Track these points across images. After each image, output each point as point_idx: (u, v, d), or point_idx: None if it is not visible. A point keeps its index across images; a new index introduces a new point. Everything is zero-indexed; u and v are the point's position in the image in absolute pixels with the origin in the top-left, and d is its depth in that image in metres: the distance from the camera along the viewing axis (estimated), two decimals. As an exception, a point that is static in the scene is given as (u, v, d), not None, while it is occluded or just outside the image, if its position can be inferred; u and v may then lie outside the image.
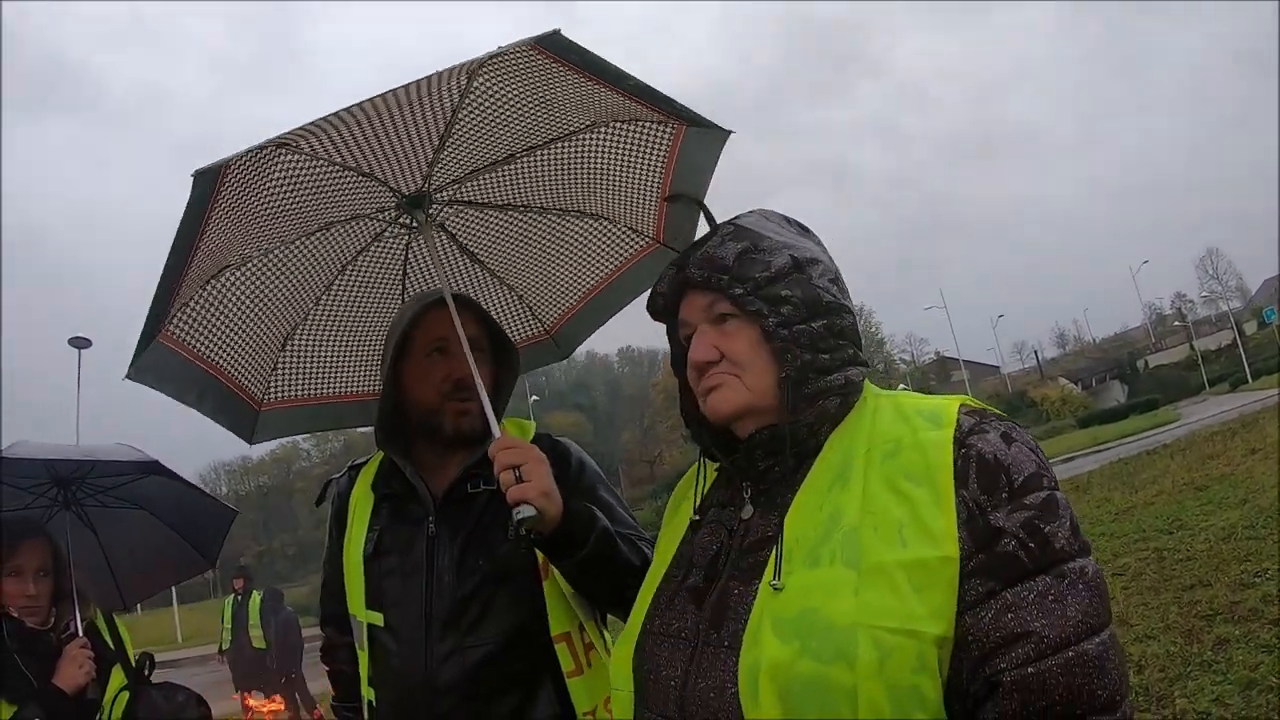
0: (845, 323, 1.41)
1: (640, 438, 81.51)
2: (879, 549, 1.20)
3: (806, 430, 1.38)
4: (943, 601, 1.16)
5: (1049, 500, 1.20)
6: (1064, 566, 1.16)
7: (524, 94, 2.05)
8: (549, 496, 1.76)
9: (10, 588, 2.88)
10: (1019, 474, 1.21)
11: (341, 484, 2.37)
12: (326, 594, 2.35)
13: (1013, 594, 1.15)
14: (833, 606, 1.19)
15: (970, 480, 1.21)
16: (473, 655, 2.00)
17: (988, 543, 1.17)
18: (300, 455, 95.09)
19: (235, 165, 1.76)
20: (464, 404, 2.14)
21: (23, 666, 2.78)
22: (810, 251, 1.44)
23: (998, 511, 1.18)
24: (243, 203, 1.93)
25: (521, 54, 1.87)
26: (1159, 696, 5.11)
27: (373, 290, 2.57)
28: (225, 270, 2.22)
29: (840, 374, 1.38)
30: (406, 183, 2.21)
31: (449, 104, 2.01)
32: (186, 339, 2.24)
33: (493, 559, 2.06)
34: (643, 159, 2.35)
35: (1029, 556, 1.16)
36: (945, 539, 1.18)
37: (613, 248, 2.61)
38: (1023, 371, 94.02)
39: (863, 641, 1.14)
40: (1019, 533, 1.17)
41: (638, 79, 1.98)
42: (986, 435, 1.26)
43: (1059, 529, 1.18)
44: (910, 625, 1.14)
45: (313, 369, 2.60)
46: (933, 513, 1.20)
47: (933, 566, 1.17)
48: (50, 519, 3.31)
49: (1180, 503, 10.77)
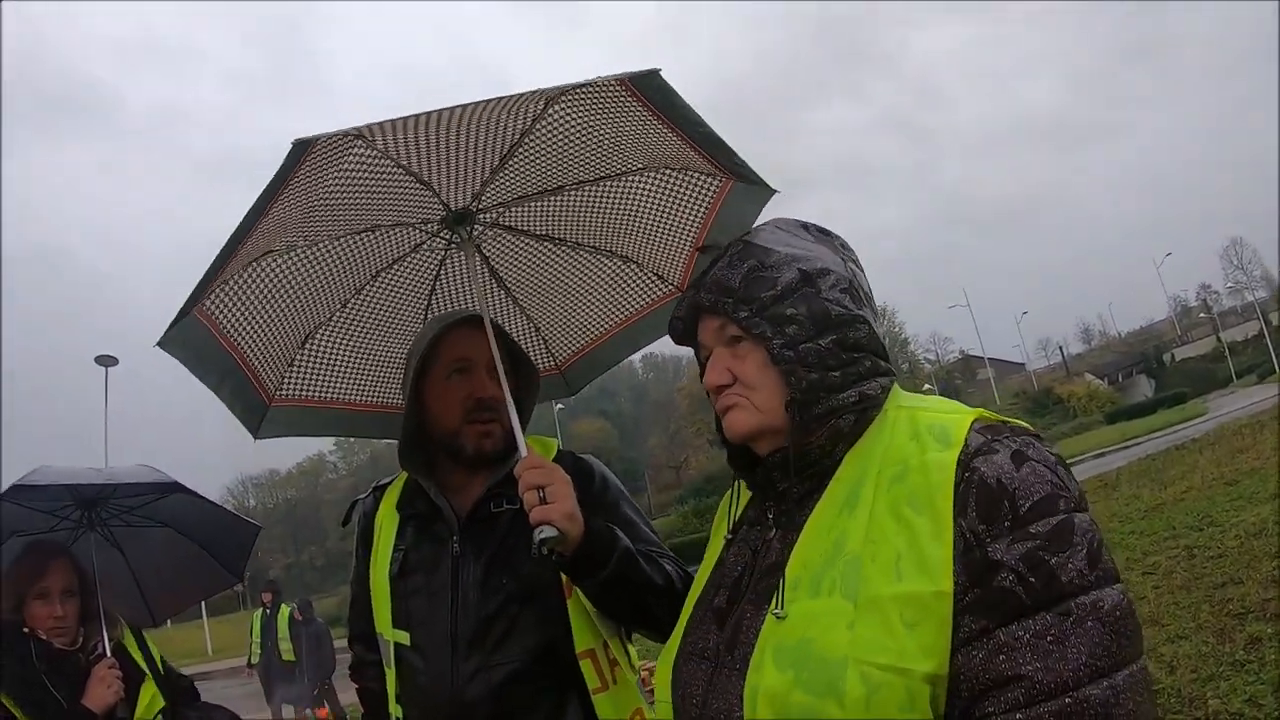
0: (859, 334, 1.35)
1: (666, 443, 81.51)
2: (876, 581, 1.17)
3: (819, 451, 1.35)
4: (935, 638, 1.11)
5: (1061, 527, 1.12)
6: (1070, 603, 1.08)
7: (593, 128, 2.08)
8: (572, 518, 1.78)
9: (37, 609, 2.92)
10: (1025, 499, 1.14)
11: (367, 504, 2.39)
12: (354, 613, 2.37)
13: (1006, 633, 1.09)
14: (827, 639, 1.17)
15: (970, 507, 1.15)
16: (498, 673, 2.01)
17: (984, 577, 1.11)
18: (327, 468, 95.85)
19: (322, 143, 1.77)
20: (486, 424, 2.16)
21: (51, 687, 2.82)
22: (821, 261, 1.40)
23: (997, 542, 1.12)
24: (311, 186, 1.94)
25: (607, 88, 1.89)
26: (1191, 698, 5.07)
27: (399, 301, 2.59)
28: (270, 254, 2.24)
29: (854, 390, 1.34)
30: (457, 198, 2.23)
31: (519, 127, 2.03)
32: (219, 317, 2.27)
33: (517, 578, 2.07)
34: (685, 208, 2.39)
35: (1027, 592, 1.09)
36: (940, 572, 1.13)
37: (635, 292, 2.63)
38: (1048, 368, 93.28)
39: (851, 677, 1.12)
40: (1018, 566, 1.10)
41: (710, 128, 2.01)
42: (994, 456, 1.19)
43: (1069, 560, 1.10)
44: (899, 662, 1.11)
45: (327, 372, 2.61)
46: (931, 543, 1.15)
47: (925, 601, 1.12)
48: (76, 540, 3.36)
49: (1210, 498, 10.68)
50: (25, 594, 2.93)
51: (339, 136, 1.79)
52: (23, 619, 2.90)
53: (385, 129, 1.85)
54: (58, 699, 2.81)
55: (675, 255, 2.50)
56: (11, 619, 2.90)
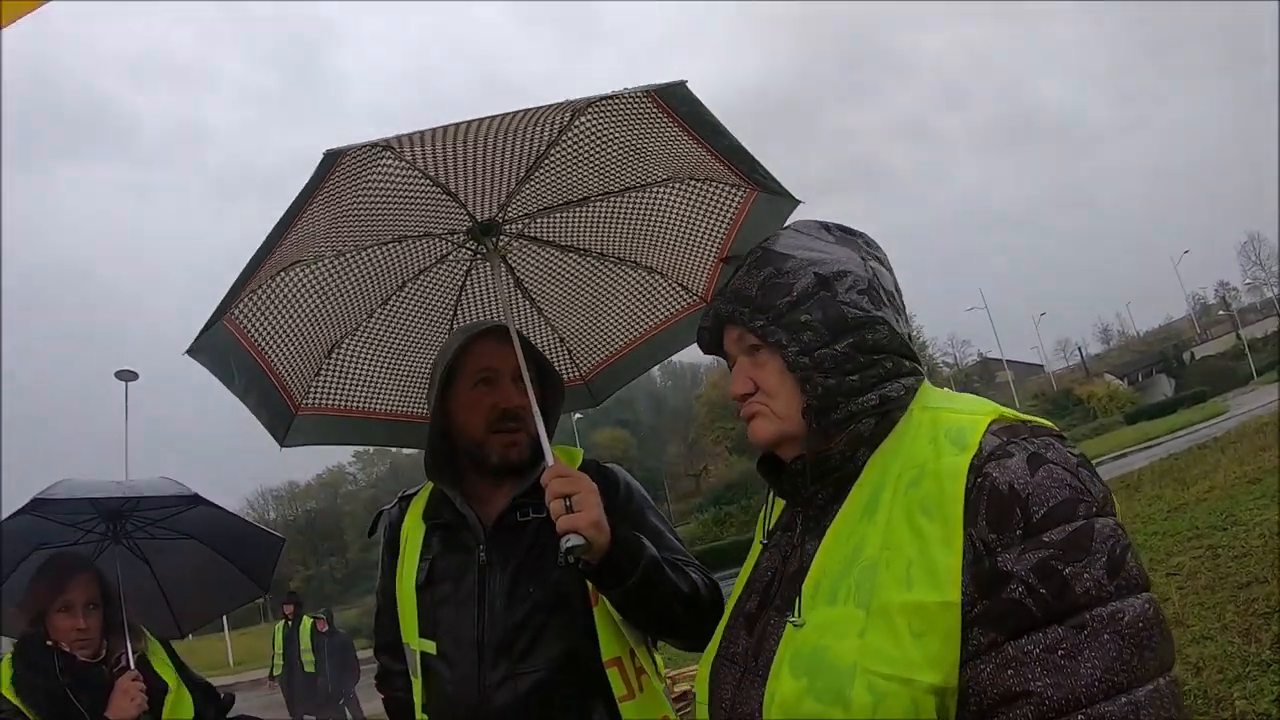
0: (878, 336, 1.33)
1: (685, 452, 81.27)
2: (887, 589, 1.15)
3: (839, 457, 1.34)
4: (941, 650, 1.09)
5: (1077, 534, 1.07)
6: (1084, 615, 1.04)
7: (618, 140, 2.10)
8: (598, 527, 1.79)
9: (61, 622, 2.95)
10: (1039, 506, 1.09)
11: (393, 514, 2.40)
12: (380, 623, 2.38)
13: (1015, 647, 1.05)
14: (839, 647, 1.16)
15: (980, 515, 1.11)
16: (525, 682, 2.01)
17: (993, 588, 1.08)
18: (347, 479, 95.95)
19: (352, 154, 1.78)
20: (511, 435, 2.16)
21: (75, 700, 2.84)
22: (839, 264, 1.38)
23: (1008, 552, 1.08)
24: (339, 196, 1.95)
25: (633, 100, 1.91)
26: (1217, 699, 5.02)
27: (425, 312, 2.61)
28: (298, 264, 2.27)
29: (874, 393, 1.31)
30: (483, 209, 2.26)
31: (545, 139, 2.06)
32: (246, 326, 2.28)
33: (544, 586, 2.08)
34: (709, 219, 2.40)
35: (1038, 604, 1.05)
36: (948, 582, 1.10)
37: (660, 302, 2.65)
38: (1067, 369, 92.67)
39: (858, 686, 1.11)
40: (1029, 577, 1.06)
41: (734, 139, 2.02)
42: (1008, 460, 1.14)
43: (1085, 569, 1.05)
44: (904, 673, 1.09)
45: (353, 381, 2.62)
46: (940, 551, 1.12)
47: (932, 612, 1.10)
48: (101, 553, 3.40)
49: (1233, 497, 10.56)
50: (48, 607, 2.95)
51: (368, 148, 1.81)
52: (45, 632, 2.93)
53: (413, 140, 1.87)
54: (81, 711, 2.84)
55: (700, 266, 2.51)
56: (34, 632, 2.92)
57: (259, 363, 2.36)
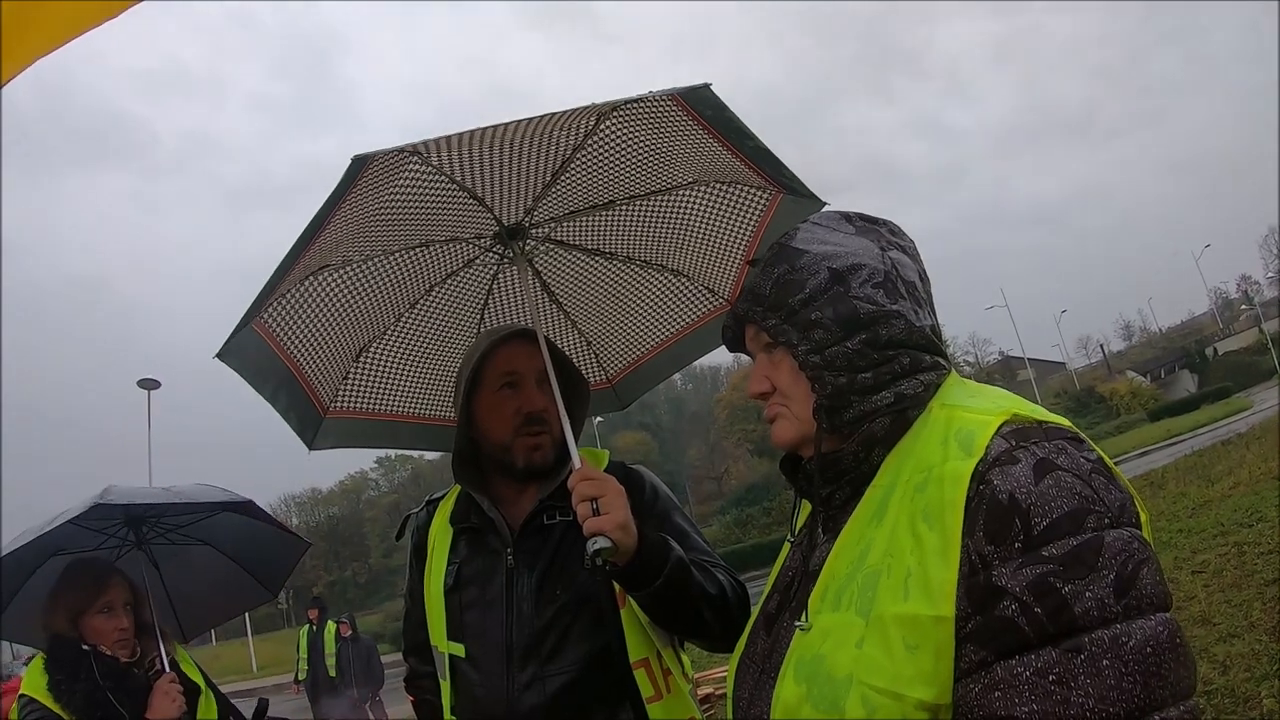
0: (893, 331, 1.28)
1: (706, 454, 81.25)
2: (886, 598, 1.11)
3: (852, 458, 1.30)
4: (933, 665, 1.04)
5: (1083, 549, 1.00)
6: (1082, 638, 0.96)
7: (644, 143, 2.11)
8: (625, 528, 1.79)
9: (102, 624, 2.99)
10: (1041, 517, 1.02)
11: (420, 518, 2.41)
12: (408, 625, 2.39)
13: (1005, 668, 0.99)
14: (837, 655, 1.13)
15: (978, 526, 1.05)
16: (553, 683, 2.02)
17: (986, 604, 1.01)
18: (369, 485, 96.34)
19: (379, 159, 1.79)
20: (535, 438, 2.17)
21: (116, 703, 2.86)
22: (854, 257, 1.33)
23: (1004, 566, 1.01)
24: (367, 201, 1.96)
25: (658, 104, 1.92)
26: (1245, 697, 4.99)
27: (452, 316, 2.62)
28: (326, 269, 2.28)
29: (889, 390, 1.27)
30: (509, 213, 2.27)
31: (570, 143, 2.07)
32: (275, 330, 2.30)
33: (571, 588, 2.08)
34: (735, 222, 2.41)
35: (1031, 624, 0.98)
36: (942, 596, 1.04)
37: (686, 306, 2.65)
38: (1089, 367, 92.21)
39: (853, 697, 1.08)
40: (1024, 594, 0.99)
41: (759, 141, 2.03)
42: (1013, 467, 1.07)
43: (1087, 588, 0.98)
44: (895, 687, 1.05)
45: (380, 385, 2.64)
46: (937, 563, 1.06)
47: (925, 625, 1.05)
48: (120, 557, 3.44)
49: (1259, 494, 10.50)
50: (86, 610, 2.98)
51: (395, 152, 1.83)
52: (80, 635, 2.96)
53: (440, 145, 1.88)
54: (121, 713, 2.86)
55: (726, 269, 2.52)
56: (67, 636, 2.95)
57: (288, 367, 2.38)
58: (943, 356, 1.34)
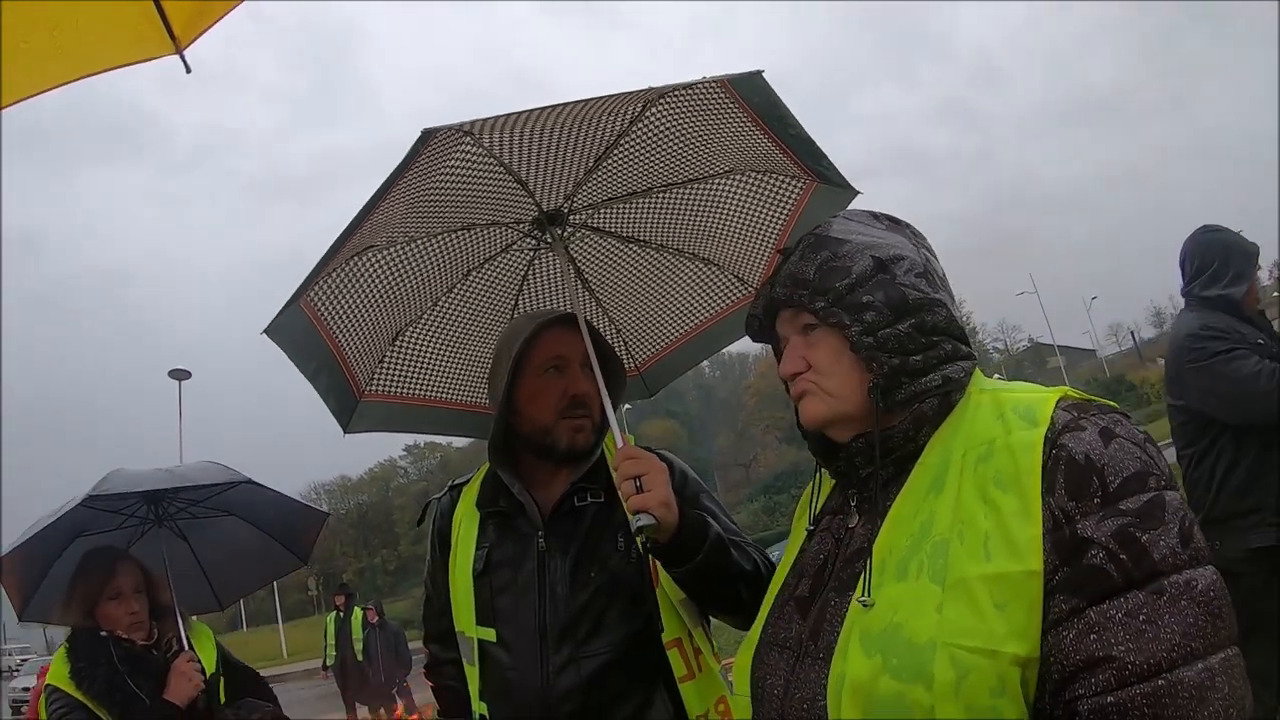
0: (937, 318, 1.34)
1: (735, 441, 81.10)
2: (964, 562, 1.15)
3: (902, 436, 1.34)
4: (1026, 619, 1.09)
5: (1152, 504, 1.09)
6: (1163, 581, 1.05)
7: (686, 131, 2.12)
8: (668, 506, 1.82)
9: (114, 610, 3.07)
10: (1115, 475, 1.11)
11: (443, 503, 2.42)
12: (429, 612, 2.41)
13: (1097, 612, 1.06)
14: (915, 623, 1.15)
15: (1058, 485, 1.12)
16: (588, 665, 2.04)
17: (1074, 554, 1.08)
18: (398, 473, 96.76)
19: (442, 134, 1.80)
20: (579, 420, 2.19)
21: (134, 686, 2.92)
22: (895, 248, 1.39)
23: (1087, 519, 1.09)
24: (420, 180, 1.97)
25: (707, 90, 1.93)
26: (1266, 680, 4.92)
27: (487, 301, 2.64)
28: (371, 249, 2.30)
29: (937, 373, 1.33)
30: (550, 198, 2.29)
31: (615, 129, 2.09)
32: (321, 309, 2.32)
33: (604, 571, 2.11)
34: (769, 211, 2.42)
35: (1119, 570, 1.06)
36: (1029, 551, 1.10)
37: (716, 295, 2.66)
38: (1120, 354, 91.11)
39: (940, 661, 1.10)
40: (1109, 543, 1.07)
41: (802, 129, 2.04)
42: (1082, 433, 1.16)
43: (1161, 537, 1.07)
44: (989, 644, 1.09)
45: (415, 369, 2.65)
46: (1019, 522, 1.12)
47: (1015, 581, 1.10)
48: (143, 536, 3.54)
49: (1289, 483, 10.34)
50: (99, 597, 3.06)
51: (455, 130, 1.84)
52: (97, 623, 3.02)
53: (492, 126, 1.89)
54: (141, 697, 2.93)
55: (756, 258, 2.53)
56: (86, 625, 3.02)
57: (330, 347, 2.40)
58: (972, 349, 1.40)
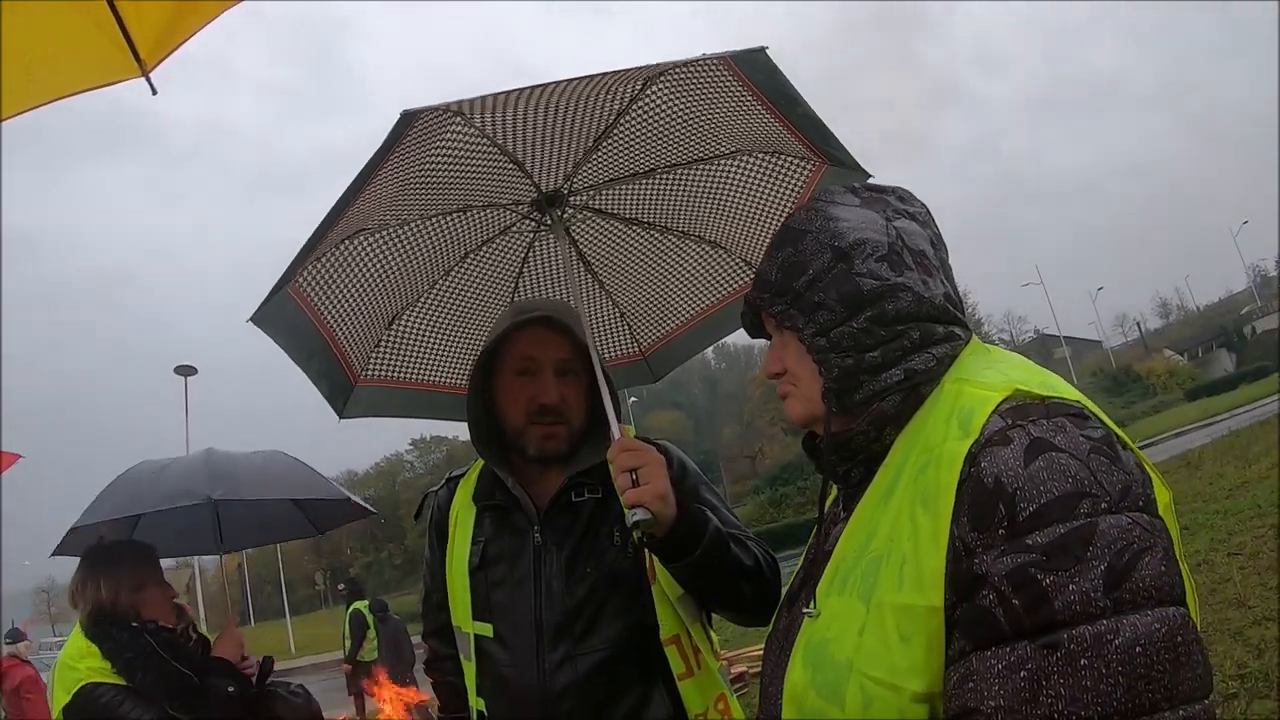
0: (900, 305, 1.23)
1: (740, 433, 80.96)
2: (884, 586, 1.08)
3: (864, 438, 1.26)
4: (925, 656, 1.01)
5: (1069, 538, 0.94)
6: (1061, 634, 0.91)
7: (689, 110, 2.06)
8: (665, 499, 1.77)
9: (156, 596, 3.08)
10: (1029, 503, 0.96)
11: (441, 496, 2.38)
12: (428, 608, 2.38)
13: (979, 659, 0.95)
14: (840, 641, 1.12)
15: (963, 512, 1.01)
16: (585, 662, 2.02)
17: (969, 592, 0.98)
18: (404, 467, 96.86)
19: (426, 115, 1.76)
20: (549, 427, 2.13)
21: (179, 666, 2.94)
22: (858, 232, 1.28)
23: (986, 554, 0.97)
24: (409, 162, 1.93)
25: (709, 68, 1.88)
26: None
27: (486, 284, 2.60)
28: (362, 233, 2.25)
29: (899, 367, 1.22)
30: (549, 179, 2.23)
31: (615, 107, 2.03)
32: (310, 294, 2.28)
33: (601, 566, 2.07)
34: (776, 193, 2.36)
35: (1007, 615, 0.94)
36: (932, 585, 1.01)
37: (722, 278, 2.62)
38: (1126, 345, 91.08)
39: (852, 685, 1.07)
40: (1001, 584, 0.95)
41: (809, 108, 1.98)
42: (1003, 449, 1.02)
43: (1072, 580, 0.92)
44: (891, 678, 1.03)
45: (413, 353, 2.62)
46: (929, 550, 1.03)
47: (918, 615, 1.02)
48: None
49: (1297, 475, 10.36)
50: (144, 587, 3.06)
51: (441, 111, 1.79)
52: (132, 611, 3.01)
53: (484, 105, 1.85)
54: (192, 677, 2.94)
55: (764, 241, 2.43)
56: (119, 615, 2.99)
57: (321, 332, 2.36)
58: (959, 325, 1.29)
